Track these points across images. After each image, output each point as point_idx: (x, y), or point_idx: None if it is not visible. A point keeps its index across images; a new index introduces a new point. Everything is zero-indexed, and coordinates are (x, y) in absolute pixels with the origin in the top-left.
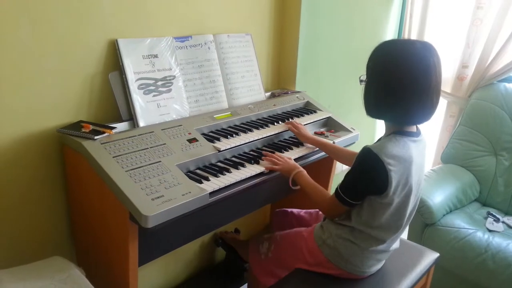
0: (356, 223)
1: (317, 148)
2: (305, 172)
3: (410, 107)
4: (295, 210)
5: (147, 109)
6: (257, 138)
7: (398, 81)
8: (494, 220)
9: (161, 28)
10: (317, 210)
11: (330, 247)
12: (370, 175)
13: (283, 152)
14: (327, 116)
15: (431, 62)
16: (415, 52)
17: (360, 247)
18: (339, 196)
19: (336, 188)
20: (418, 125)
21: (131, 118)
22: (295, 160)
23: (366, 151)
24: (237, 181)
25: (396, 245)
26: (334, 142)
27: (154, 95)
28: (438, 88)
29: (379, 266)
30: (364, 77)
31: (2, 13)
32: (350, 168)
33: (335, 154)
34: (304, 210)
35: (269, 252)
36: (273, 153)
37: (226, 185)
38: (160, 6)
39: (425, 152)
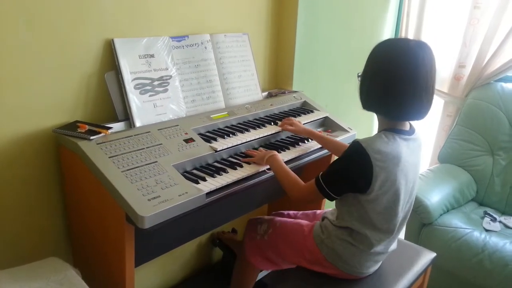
0: (350, 222)
1: (314, 148)
2: (279, 157)
3: (402, 103)
4: (291, 212)
5: (144, 109)
6: (254, 138)
7: (390, 76)
8: (491, 220)
9: (158, 27)
10: (314, 211)
11: (328, 247)
12: (356, 168)
13: (280, 152)
14: (324, 116)
15: (424, 59)
16: (408, 50)
17: (359, 248)
18: (319, 184)
19: (317, 176)
20: (413, 124)
21: (127, 118)
22: (293, 160)
23: (356, 144)
24: (234, 181)
25: (393, 246)
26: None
27: (150, 95)
28: (430, 86)
29: (376, 266)
30: (361, 73)
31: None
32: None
33: (332, 149)
34: (301, 212)
35: (265, 235)
36: None
37: (223, 185)
38: (157, 6)
39: (420, 151)
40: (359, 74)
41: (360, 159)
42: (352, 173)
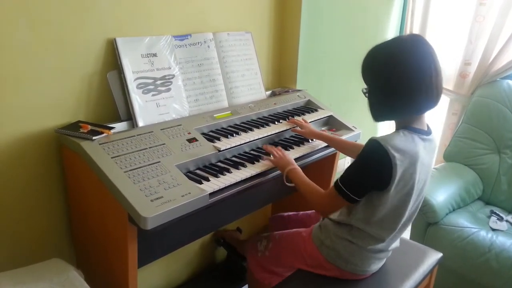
0: (354, 220)
1: (319, 147)
2: (299, 169)
3: (414, 98)
4: (291, 214)
5: (146, 109)
6: (257, 138)
7: (398, 76)
8: (498, 219)
9: (160, 26)
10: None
11: (329, 248)
12: (375, 167)
13: None
14: (329, 114)
15: (423, 51)
16: (410, 47)
17: (359, 246)
18: (340, 190)
19: (336, 181)
20: (429, 124)
21: (130, 118)
22: (297, 159)
23: (373, 142)
24: (237, 181)
25: (395, 244)
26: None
27: (153, 95)
28: (438, 74)
29: (379, 264)
30: (365, 89)
31: (0, 12)
32: (353, 160)
33: (343, 148)
34: (302, 212)
35: (266, 251)
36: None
37: (226, 185)
38: (159, 4)
39: (434, 153)
40: (364, 91)
41: (378, 156)
42: (372, 171)
